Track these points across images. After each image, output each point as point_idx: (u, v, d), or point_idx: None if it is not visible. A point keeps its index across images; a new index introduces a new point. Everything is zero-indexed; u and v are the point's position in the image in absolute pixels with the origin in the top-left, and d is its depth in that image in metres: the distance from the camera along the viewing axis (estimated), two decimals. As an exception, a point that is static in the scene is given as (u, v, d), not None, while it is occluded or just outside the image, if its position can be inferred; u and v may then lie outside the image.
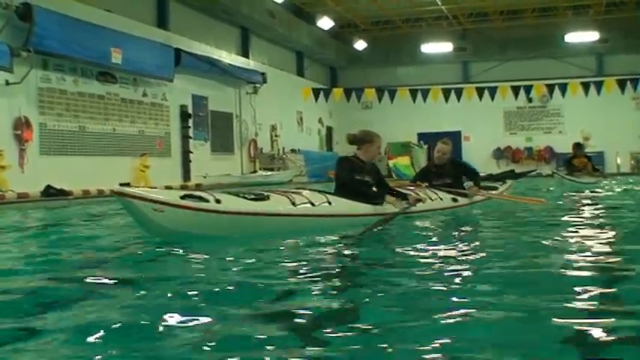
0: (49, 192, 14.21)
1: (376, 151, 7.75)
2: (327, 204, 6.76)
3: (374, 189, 7.56)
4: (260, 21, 24.28)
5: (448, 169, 9.38)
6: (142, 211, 5.42)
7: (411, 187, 8.55)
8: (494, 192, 10.27)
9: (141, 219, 5.54)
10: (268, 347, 2.52)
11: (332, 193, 7.16)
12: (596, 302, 3.16)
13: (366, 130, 7.90)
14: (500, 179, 12.02)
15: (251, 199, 6.26)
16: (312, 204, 6.60)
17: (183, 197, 5.67)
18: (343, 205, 7.03)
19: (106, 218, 9.66)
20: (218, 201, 5.81)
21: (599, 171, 17.49)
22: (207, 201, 5.74)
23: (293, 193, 6.77)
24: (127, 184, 5.53)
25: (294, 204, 6.44)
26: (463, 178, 9.56)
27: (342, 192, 7.26)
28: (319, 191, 7.06)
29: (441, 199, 8.58)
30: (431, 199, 8.30)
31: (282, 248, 5.48)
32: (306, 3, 27.69)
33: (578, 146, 17.07)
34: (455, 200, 8.79)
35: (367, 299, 3.39)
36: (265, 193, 6.57)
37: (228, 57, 23.24)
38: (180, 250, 5.25)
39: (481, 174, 10.94)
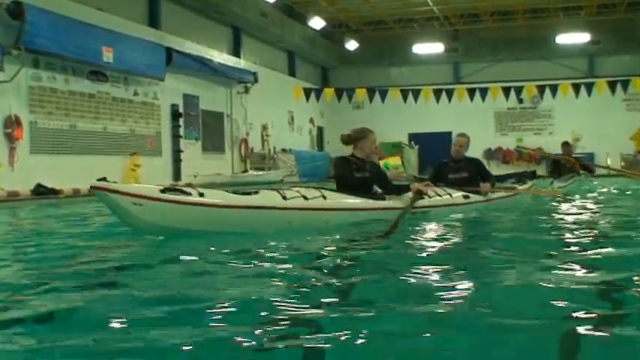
0: (40, 190, 14.16)
1: (372, 146, 7.62)
2: (321, 198, 6.61)
3: (375, 187, 7.47)
4: (252, 20, 24.25)
5: (465, 164, 9.18)
6: (120, 205, 5.33)
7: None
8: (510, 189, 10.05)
9: (120, 213, 5.45)
10: (257, 343, 2.52)
11: (330, 190, 7.02)
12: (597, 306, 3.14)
13: (358, 128, 7.75)
14: (521, 179, 11.95)
15: (239, 194, 6.16)
16: (305, 198, 6.45)
17: (163, 191, 5.57)
18: (339, 199, 6.87)
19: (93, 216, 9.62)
20: (201, 195, 5.71)
21: (588, 167, 17.16)
22: (189, 195, 5.65)
23: (286, 189, 6.63)
24: (104, 179, 5.44)
25: (285, 198, 6.30)
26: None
27: (343, 191, 7.15)
28: (315, 187, 6.92)
29: (451, 196, 8.29)
30: (439, 195, 8.06)
31: (270, 243, 5.39)
32: (297, 3, 27.67)
33: (566, 145, 16.91)
34: (466, 197, 8.49)
35: (362, 297, 3.38)
36: (254, 190, 6.46)
37: (220, 56, 23.19)
38: (166, 247, 5.22)
39: (502, 174, 10.70)
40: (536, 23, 30.36)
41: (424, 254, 4.84)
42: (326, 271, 4.21)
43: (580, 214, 8.45)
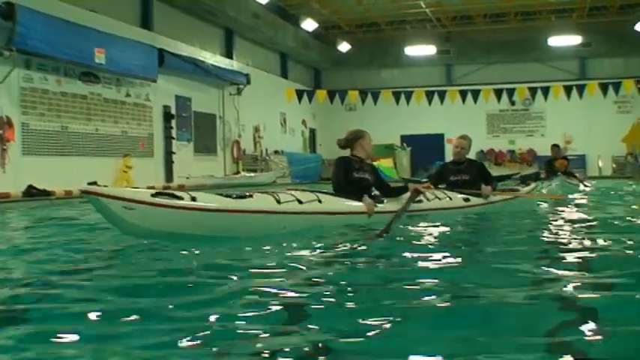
0: (31, 192, 14.11)
1: (370, 145, 7.58)
2: (316, 202, 6.55)
3: (373, 189, 7.42)
4: (244, 22, 24.21)
5: (467, 166, 9.09)
6: (112, 209, 5.28)
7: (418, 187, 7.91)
8: (511, 193, 9.99)
9: (111, 217, 5.40)
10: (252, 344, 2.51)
11: (326, 193, 6.95)
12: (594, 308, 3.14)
13: (352, 130, 7.73)
14: (524, 181, 11.96)
15: (232, 198, 6.07)
16: (300, 202, 6.40)
17: (155, 195, 5.52)
18: (334, 203, 6.80)
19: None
20: (194, 199, 5.66)
21: (575, 176, 17.23)
22: (181, 199, 5.60)
23: (281, 192, 6.56)
24: (94, 183, 5.41)
25: (279, 202, 6.23)
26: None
27: (340, 192, 7.10)
28: (311, 190, 6.86)
29: (451, 198, 8.21)
30: (439, 198, 7.97)
31: (263, 248, 5.33)
32: (290, 5, 27.65)
33: (556, 147, 16.98)
34: (467, 200, 8.40)
35: (354, 301, 3.38)
36: (248, 193, 6.37)
37: (212, 58, 23.17)
38: (157, 251, 5.19)
39: (506, 174, 10.69)
40: (528, 25, 30.42)
41: (421, 258, 4.78)
42: (319, 273, 4.20)
43: (580, 216, 8.46)
